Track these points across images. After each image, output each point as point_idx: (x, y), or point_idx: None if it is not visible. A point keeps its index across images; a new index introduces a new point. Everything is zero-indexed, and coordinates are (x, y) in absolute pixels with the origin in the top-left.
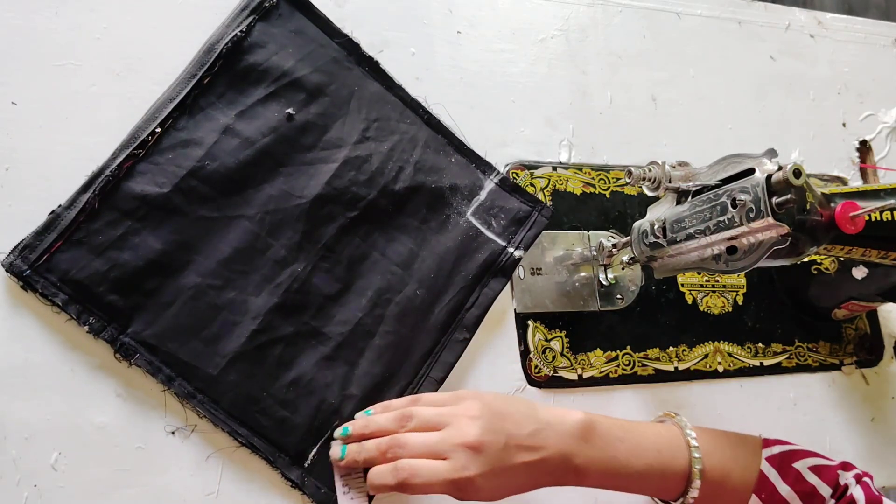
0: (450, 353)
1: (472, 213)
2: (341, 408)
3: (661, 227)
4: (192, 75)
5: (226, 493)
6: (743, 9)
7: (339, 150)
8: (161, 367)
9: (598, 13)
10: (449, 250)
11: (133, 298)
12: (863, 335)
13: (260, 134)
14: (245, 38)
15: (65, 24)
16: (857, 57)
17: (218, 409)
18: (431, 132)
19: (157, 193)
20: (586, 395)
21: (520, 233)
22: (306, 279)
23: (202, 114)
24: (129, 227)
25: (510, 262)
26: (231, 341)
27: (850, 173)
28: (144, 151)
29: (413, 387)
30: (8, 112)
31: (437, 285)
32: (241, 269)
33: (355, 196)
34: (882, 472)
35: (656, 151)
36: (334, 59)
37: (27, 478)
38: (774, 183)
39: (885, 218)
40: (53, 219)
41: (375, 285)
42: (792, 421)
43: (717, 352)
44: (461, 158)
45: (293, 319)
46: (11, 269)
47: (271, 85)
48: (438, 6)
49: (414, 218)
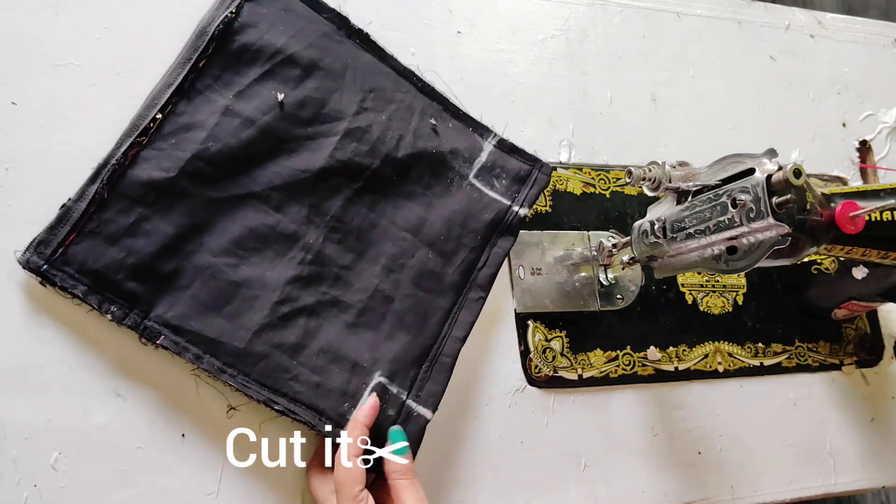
0: (468, 312)
1: (474, 175)
2: (373, 370)
3: (661, 227)
4: (186, 59)
5: (226, 493)
6: (743, 9)
7: (338, 122)
8: (188, 347)
9: (598, 13)
10: (455, 213)
11: (152, 283)
12: (863, 335)
13: (259, 112)
14: (235, 19)
15: (65, 24)
16: (857, 57)
17: (250, 380)
18: (427, 99)
19: (164, 178)
20: (586, 395)
21: (522, 191)
22: (319, 250)
23: (200, 97)
24: (141, 214)
25: (516, 220)
26: (254, 314)
27: (850, 173)
28: (147, 138)
29: (438, 347)
30: (8, 112)
31: (448, 248)
32: (254, 247)
33: (359, 166)
34: (882, 472)
35: (656, 151)
36: (325, 33)
37: (27, 478)
38: (774, 183)
39: (885, 218)
40: (65, 212)
41: (388, 252)
42: (792, 421)
43: (717, 352)
44: (458, 123)
45: (312, 290)
46: (28, 265)
47: (266, 63)
48: (438, 6)
49: (418, 184)
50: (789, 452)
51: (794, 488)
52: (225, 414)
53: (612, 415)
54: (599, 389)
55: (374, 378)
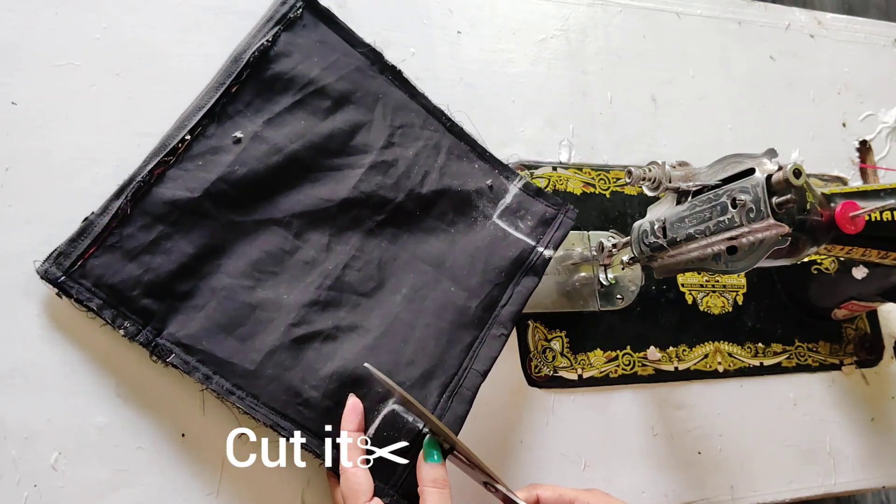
0: (489, 347)
1: (498, 215)
2: (388, 397)
3: (661, 227)
4: (220, 84)
5: (226, 493)
6: (743, 9)
7: (365, 155)
8: (198, 367)
9: (598, 13)
10: (479, 249)
11: (167, 301)
12: (863, 335)
13: (287, 140)
14: (271, 47)
15: (65, 24)
16: (857, 57)
17: (258, 403)
18: (454, 139)
19: (187, 198)
20: (586, 395)
21: (548, 233)
22: (338, 277)
23: (230, 121)
24: (162, 232)
25: (541, 261)
26: (267, 336)
27: (850, 173)
28: (175, 158)
29: (459, 378)
30: (8, 112)
31: (471, 283)
32: (271, 271)
33: (383, 199)
34: (882, 472)
35: (656, 151)
36: (358, 67)
37: (27, 478)
38: (774, 183)
39: (885, 218)
40: (87, 225)
41: (409, 282)
42: (792, 421)
43: (717, 352)
44: (484, 164)
45: (329, 314)
46: (46, 276)
47: (298, 93)
48: (438, 6)
49: (441, 221)
50: (789, 452)
51: (794, 488)
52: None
53: (612, 415)
54: (599, 389)
55: (387, 405)
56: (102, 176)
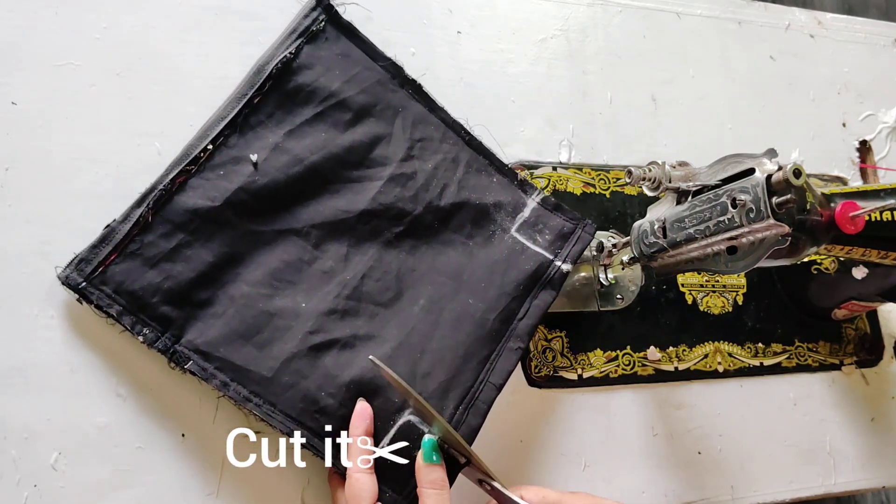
0: (506, 360)
1: (516, 229)
2: (404, 407)
3: (661, 227)
4: (242, 95)
5: (226, 493)
6: (743, 9)
7: (384, 167)
8: (215, 374)
9: (598, 13)
10: (496, 262)
11: (185, 309)
12: (863, 335)
13: (308, 152)
14: (293, 59)
15: (65, 24)
16: (857, 57)
17: (275, 410)
18: (473, 153)
19: (208, 207)
20: (586, 395)
21: (566, 247)
22: (357, 286)
23: (252, 132)
24: (182, 240)
25: (559, 276)
26: (284, 344)
27: (850, 173)
28: (197, 167)
29: (475, 391)
30: (8, 112)
31: (489, 296)
32: (290, 280)
33: (401, 211)
34: (882, 472)
35: (656, 151)
36: (379, 81)
37: (27, 478)
38: (774, 183)
39: (885, 218)
40: (108, 232)
41: (427, 294)
42: (792, 421)
43: (717, 352)
44: (503, 178)
45: (347, 323)
46: (68, 282)
47: (319, 105)
48: (438, 6)
49: (459, 233)
50: (789, 452)
51: (794, 488)
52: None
53: (612, 415)
54: (599, 389)
55: (403, 416)
56: (102, 176)
